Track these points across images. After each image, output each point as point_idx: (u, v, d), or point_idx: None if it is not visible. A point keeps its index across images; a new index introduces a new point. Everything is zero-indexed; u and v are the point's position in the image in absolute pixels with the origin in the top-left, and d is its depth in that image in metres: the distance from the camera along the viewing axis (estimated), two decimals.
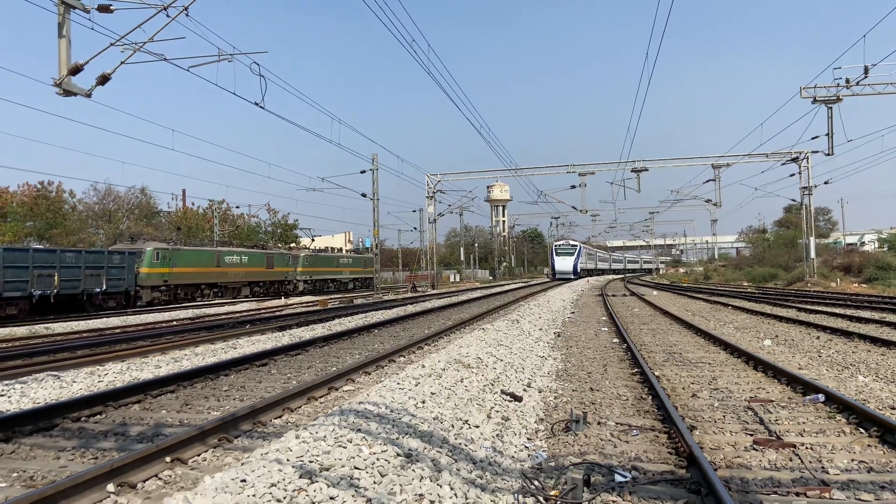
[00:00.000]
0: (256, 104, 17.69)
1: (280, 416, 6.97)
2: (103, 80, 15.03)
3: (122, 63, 15.23)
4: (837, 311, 20.22)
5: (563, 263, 71.85)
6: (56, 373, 9.69)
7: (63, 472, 5.19)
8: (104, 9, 15.10)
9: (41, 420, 6.58)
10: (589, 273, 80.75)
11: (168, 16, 14.98)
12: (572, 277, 68.64)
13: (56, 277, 25.93)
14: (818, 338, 13.97)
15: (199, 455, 5.55)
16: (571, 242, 75.05)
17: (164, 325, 20.24)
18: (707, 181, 45.28)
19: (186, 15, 15.16)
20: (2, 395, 8.07)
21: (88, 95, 15.12)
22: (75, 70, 14.55)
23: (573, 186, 46.47)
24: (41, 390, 8.43)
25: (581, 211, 49.02)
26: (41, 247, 31.44)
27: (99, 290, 28.31)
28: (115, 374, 9.69)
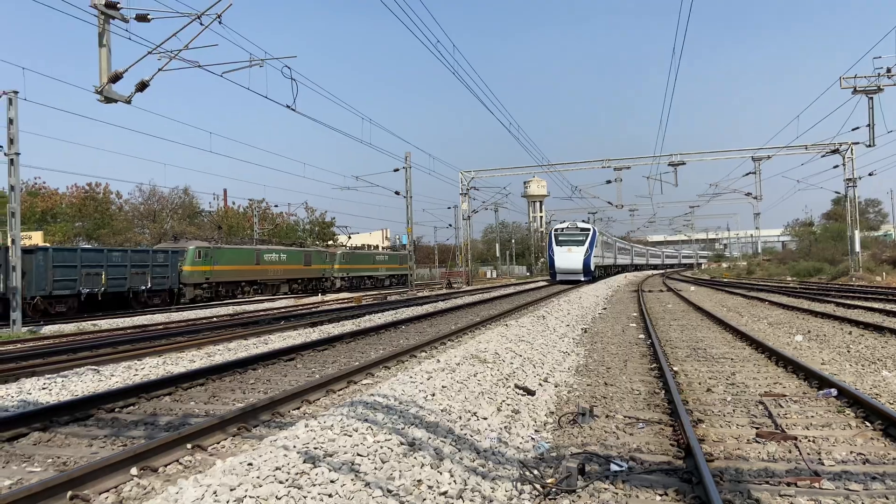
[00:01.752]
0: (288, 107, 18.15)
1: (299, 408, 7.31)
2: (142, 86, 15.62)
3: (159, 70, 15.81)
4: (877, 305, 19.79)
5: (567, 258, 47.40)
6: (96, 367, 10.23)
7: (94, 458, 5.58)
8: (142, 18, 15.70)
9: (77, 411, 7.03)
10: (607, 271, 58.59)
11: (202, 24, 15.49)
12: (582, 279, 47.35)
13: (103, 276, 26.98)
14: (850, 333, 13.76)
15: (218, 443, 5.90)
16: (581, 226, 49.92)
17: (203, 321, 20.92)
18: (747, 174, 44.50)
19: (219, 22, 15.66)
20: (44, 389, 8.60)
21: (128, 102, 15.74)
22: (115, 78, 15.17)
23: (608, 181, 46.13)
24: (80, 383, 8.94)
25: (617, 206, 48.62)
26: (89, 246, 32.74)
27: (144, 287, 29.33)
28: (150, 368, 10.18)
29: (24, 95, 20.98)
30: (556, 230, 50.19)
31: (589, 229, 48.83)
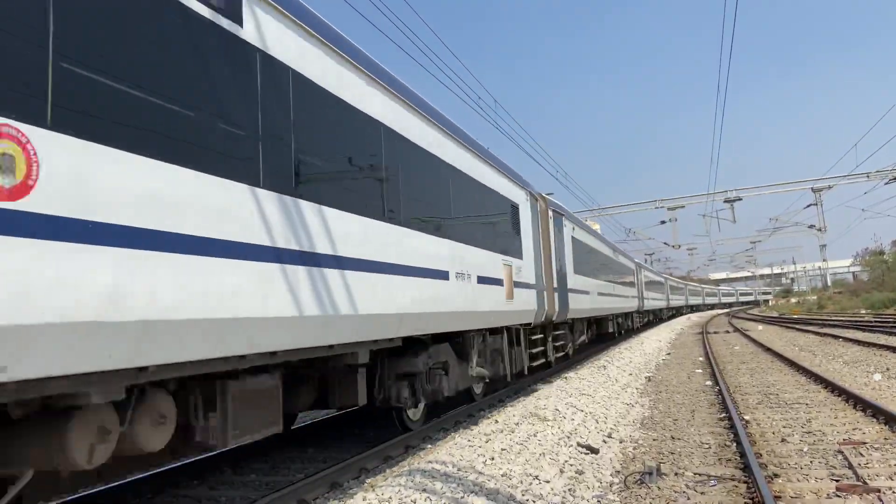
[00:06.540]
0: None
1: (357, 477, 7.25)
2: None
3: None
4: None
5: None
6: None
7: None
8: None
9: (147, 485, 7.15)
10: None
11: None
12: None
13: None
14: None
15: None
16: None
17: None
18: (808, 206, 43.22)
19: None
20: None
21: None
22: None
23: (663, 222, 45.46)
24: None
25: (674, 246, 47.74)
26: None
27: None
28: None
29: None
30: None
31: None
